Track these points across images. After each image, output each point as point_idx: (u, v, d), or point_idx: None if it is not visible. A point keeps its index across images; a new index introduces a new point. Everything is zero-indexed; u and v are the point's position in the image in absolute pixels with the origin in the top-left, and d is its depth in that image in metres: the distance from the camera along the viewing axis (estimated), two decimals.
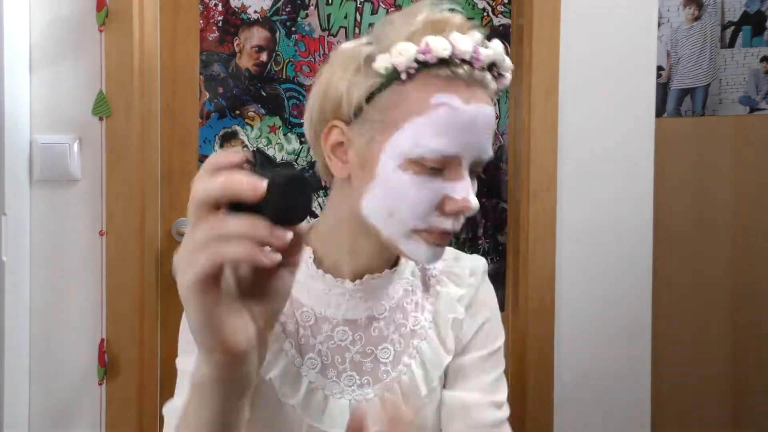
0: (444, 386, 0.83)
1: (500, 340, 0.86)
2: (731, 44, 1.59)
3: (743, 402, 1.61)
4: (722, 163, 1.59)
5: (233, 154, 0.47)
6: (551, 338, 1.53)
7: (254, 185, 0.44)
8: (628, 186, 1.53)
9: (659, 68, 1.56)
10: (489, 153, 0.72)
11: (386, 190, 0.70)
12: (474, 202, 0.70)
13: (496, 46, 0.71)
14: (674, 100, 1.59)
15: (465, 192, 0.69)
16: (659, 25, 1.55)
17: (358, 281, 0.78)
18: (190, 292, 0.46)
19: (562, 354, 1.54)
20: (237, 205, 0.45)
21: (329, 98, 0.73)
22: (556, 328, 1.54)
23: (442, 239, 0.71)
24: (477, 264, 0.88)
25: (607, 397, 1.55)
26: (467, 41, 0.68)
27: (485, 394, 0.81)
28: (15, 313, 1.44)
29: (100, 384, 1.48)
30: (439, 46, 0.67)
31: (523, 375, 1.53)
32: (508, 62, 0.72)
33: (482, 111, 0.69)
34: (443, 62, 0.68)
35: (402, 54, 0.68)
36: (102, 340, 1.48)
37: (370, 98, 0.70)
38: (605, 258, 1.54)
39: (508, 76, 0.73)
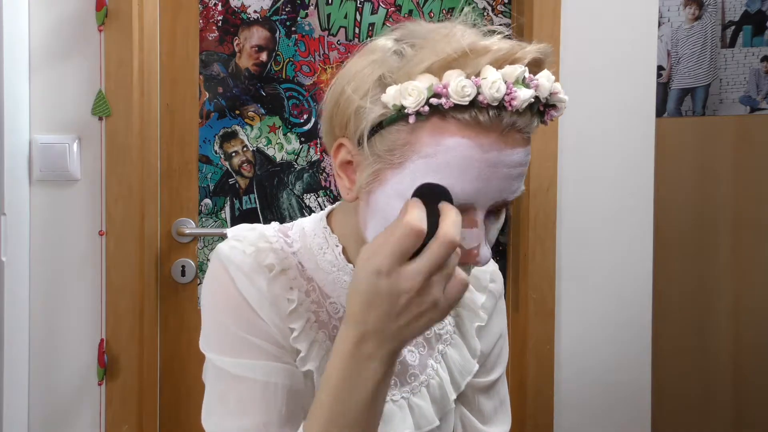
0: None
1: (507, 355, 0.88)
2: (732, 44, 1.59)
3: (745, 402, 1.61)
4: (722, 163, 1.59)
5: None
6: (551, 338, 1.53)
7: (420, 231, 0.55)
8: (628, 186, 1.53)
9: (659, 68, 1.56)
10: (516, 193, 0.62)
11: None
12: (484, 255, 0.61)
13: (544, 82, 0.59)
14: (674, 99, 1.59)
15: (476, 240, 0.61)
16: (659, 24, 1.55)
17: None
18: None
19: (562, 354, 1.54)
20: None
21: (339, 111, 0.64)
22: (556, 328, 1.54)
23: None
24: (497, 272, 0.87)
25: (607, 398, 1.55)
26: (498, 82, 0.57)
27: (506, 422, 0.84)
28: (15, 313, 1.44)
29: (99, 384, 1.48)
30: (459, 90, 0.57)
31: (523, 375, 1.53)
32: (559, 96, 0.61)
33: (507, 158, 0.59)
34: (464, 105, 0.58)
35: (411, 95, 0.58)
36: (102, 340, 1.48)
37: (377, 129, 0.61)
38: (605, 258, 1.54)
39: (561, 108, 0.62)
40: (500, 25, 1.58)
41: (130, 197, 1.47)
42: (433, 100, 0.57)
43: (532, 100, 0.58)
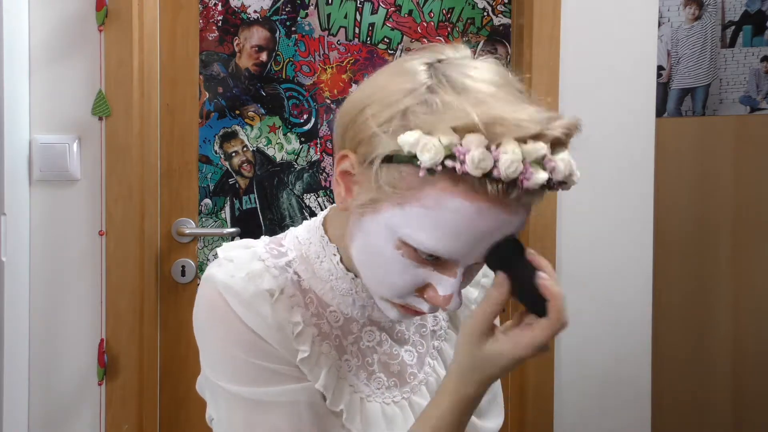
0: None
1: None
2: (732, 44, 1.59)
3: (744, 402, 1.61)
4: (722, 163, 1.59)
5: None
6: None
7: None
8: (628, 186, 1.53)
9: (659, 68, 1.56)
10: None
11: (373, 256, 0.64)
12: (454, 305, 0.63)
13: (561, 166, 0.57)
14: (674, 99, 1.59)
15: (450, 289, 0.63)
16: (659, 24, 1.55)
17: None
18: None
19: (562, 354, 1.54)
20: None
21: (354, 128, 0.63)
22: None
23: (415, 314, 0.67)
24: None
25: (607, 398, 1.55)
26: (517, 163, 0.55)
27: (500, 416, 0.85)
28: (14, 313, 1.44)
29: (99, 384, 1.48)
30: (476, 162, 0.55)
31: (523, 375, 1.53)
32: (573, 178, 0.60)
33: (503, 226, 0.60)
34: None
35: (429, 151, 0.56)
36: (102, 340, 1.48)
37: (386, 161, 0.60)
38: (605, 258, 1.54)
39: (572, 182, 0.61)
40: (500, 25, 1.58)
41: (130, 197, 1.47)
42: (448, 162, 0.56)
43: (545, 182, 0.57)
